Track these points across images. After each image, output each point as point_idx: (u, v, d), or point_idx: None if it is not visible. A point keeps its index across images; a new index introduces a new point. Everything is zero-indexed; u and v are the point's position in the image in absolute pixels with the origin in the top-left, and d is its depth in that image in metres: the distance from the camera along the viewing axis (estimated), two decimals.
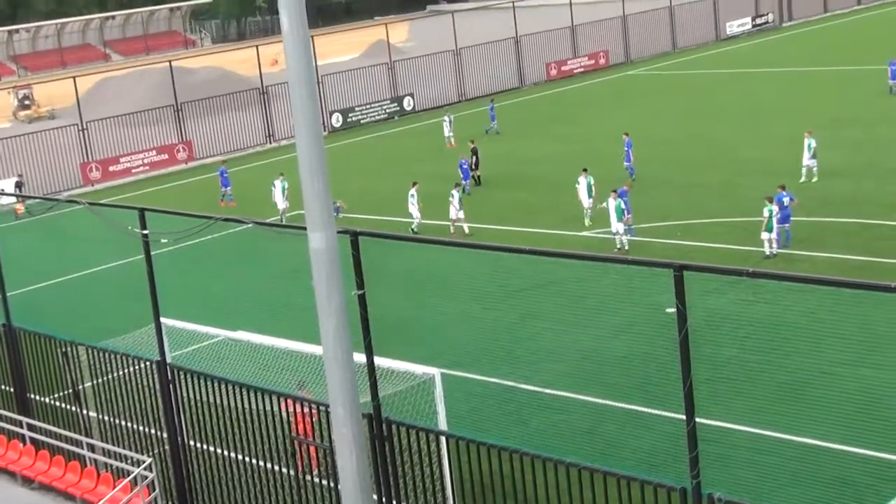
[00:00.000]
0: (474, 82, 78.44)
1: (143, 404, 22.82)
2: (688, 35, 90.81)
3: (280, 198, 46.93)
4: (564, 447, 21.15)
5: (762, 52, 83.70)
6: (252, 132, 68.86)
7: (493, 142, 59.28)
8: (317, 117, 13.70)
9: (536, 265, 30.42)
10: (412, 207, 42.54)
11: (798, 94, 63.64)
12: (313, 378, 21.04)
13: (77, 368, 24.16)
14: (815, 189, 41.29)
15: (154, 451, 22.76)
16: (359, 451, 14.39)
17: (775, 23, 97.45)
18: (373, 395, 17.61)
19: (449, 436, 18.68)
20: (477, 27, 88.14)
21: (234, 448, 21.19)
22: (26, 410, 26.21)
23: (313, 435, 19.77)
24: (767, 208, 34.70)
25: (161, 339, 21.89)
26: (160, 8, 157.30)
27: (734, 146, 50.67)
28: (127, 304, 34.15)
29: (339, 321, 14.02)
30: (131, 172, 63.98)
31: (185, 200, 53.13)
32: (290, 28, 13.34)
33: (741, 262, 33.27)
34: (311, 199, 13.70)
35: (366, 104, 73.55)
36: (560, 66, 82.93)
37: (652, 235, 37.95)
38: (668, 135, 56.14)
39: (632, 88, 74.77)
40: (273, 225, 21.41)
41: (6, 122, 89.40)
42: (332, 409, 14.42)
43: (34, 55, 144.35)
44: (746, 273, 13.13)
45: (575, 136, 58.79)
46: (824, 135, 50.59)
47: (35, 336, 25.62)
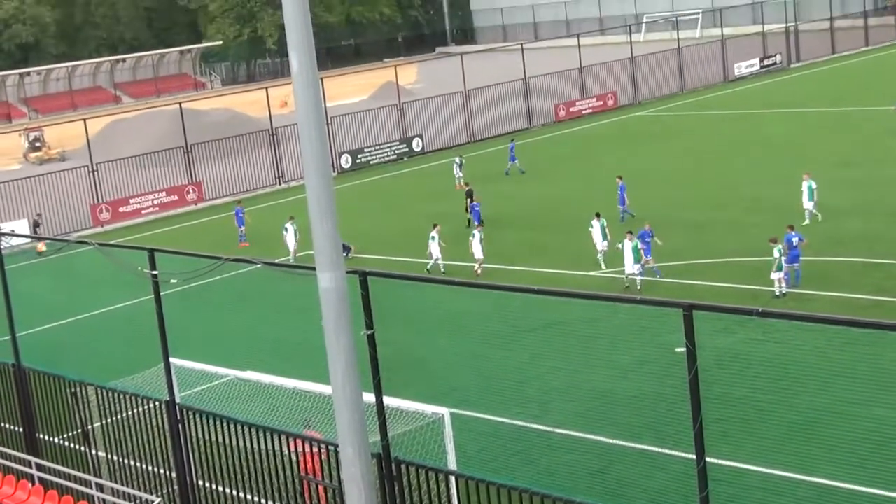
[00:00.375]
0: (483, 123, 78.66)
1: (152, 444, 22.80)
2: (696, 76, 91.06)
3: (292, 240, 46.78)
4: (574, 487, 21.12)
5: (770, 93, 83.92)
6: (262, 173, 69.07)
7: (502, 182, 59.43)
8: (326, 158, 13.78)
9: (546, 305, 30.39)
10: (433, 247, 42.29)
11: (806, 134, 63.75)
12: (321, 418, 21.01)
13: (86, 408, 24.16)
14: (823, 228, 41.29)
15: (163, 491, 22.72)
16: (368, 491, 14.38)
17: (783, 64, 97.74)
18: (382, 434, 17.58)
19: (458, 475, 18.63)
20: (486, 69, 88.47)
21: (242, 488, 21.15)
22: (35, 450, 26.18)
23: (322, 474, 19.73)
24: (777, 248, 34.67)
25: (170, 379, 21.90)
26: (170, 51, 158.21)
27: (743, 185, 50.73)
28: (136, 344, 34.23)
29: (348, 361, 14.05)
30: (141, 213, 64.18)
31: (195, 241, 53.26)
32: (299, 70, 13.44)
33: (750, 302, 33.24)
34: (321, 239, 13.76)
35: (375, 145, 73.77)
36: (569, 108, 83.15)
37: (662, 275, 37.91)
38: (677, 175, 56.24)
39: (640, 129, 74.95)
40: (282, 265, 21.44)
41: (17, 164, 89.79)
42: (341, 448, 14.41)
43: (45, 97, 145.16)
44: (756, 312, 13.13)
45: (583, 177, 58.89)
46: (832, 174, 50.68)
47: (44, 376, 25.62)
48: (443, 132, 76.66)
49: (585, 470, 23.49)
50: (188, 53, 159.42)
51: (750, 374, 27.21)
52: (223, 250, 38.48)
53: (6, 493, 25.39)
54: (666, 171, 57.58)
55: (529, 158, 67.59)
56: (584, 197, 52.83)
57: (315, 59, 13.60)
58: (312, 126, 13.58)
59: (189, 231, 58.91)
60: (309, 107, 13.55)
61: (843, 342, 25.75)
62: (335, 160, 69.86)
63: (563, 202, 52.06)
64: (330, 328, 13.99)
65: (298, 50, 13.42)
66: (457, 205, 52.83)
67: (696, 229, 43.48)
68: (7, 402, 27.06)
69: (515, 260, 42.55)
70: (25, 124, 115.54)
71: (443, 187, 60.44)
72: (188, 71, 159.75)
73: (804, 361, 26.26)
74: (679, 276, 37.66)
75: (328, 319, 13.99)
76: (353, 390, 14.13)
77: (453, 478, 18.73)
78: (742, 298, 34.45)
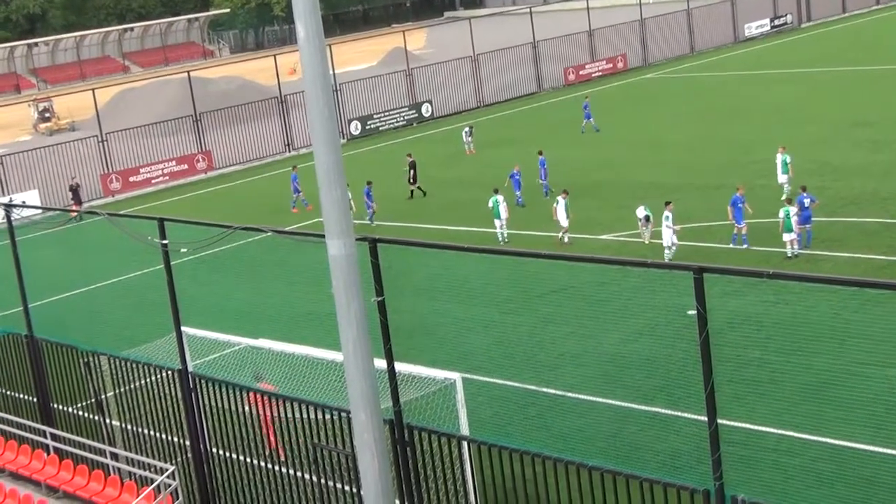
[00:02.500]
0: (492, 88, 78.44)
1: (166, 413, 22.89)
2: (706, 37, 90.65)
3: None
4: (587, 450, 21.13)
5: (781, 53, 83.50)
6: (271, 141, 69.02)
7: (510, 147, 59.26)
8: (333, 126, 13.73)
9: (557, 269, 30.39)
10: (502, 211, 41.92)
11: (818, 95, 63.47)
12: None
13: (100, 378, 24.24)
14: (836, 189, 41.14)
15: (177, 459, 22.82)
16: (381, 457, 14.40)
17: (794, 23, 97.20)
18: (394, 400, 17.60)
19: (471, 440, 18.67)
20: (494, 33, 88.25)
21: (256, 455, 21.23)
22: (50, 420, 26.31)
23: (273, 422, 20.69)
24: (784, 209, 34.55)
25: (182, 348, 21.95)
26: (178, 19, 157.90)
27: (754, 147, 50.53)
28: (148, 313, 34.34)
29: (359, 328, 14.04)
30: (151, 183, 64.21)
31: (205, 210, 53.28)
32: (305, 37, 13.36)
33: (762, 264, 33.18)
34: (329, 206, 13.73)
35: (384, 111, 73.65)
36: (578, 71, 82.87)
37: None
38: (687, 137, 56.06)
39: (650, 91, 74.67)
40: (291, 233, 21.39)
41: (27, 135, 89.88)
42: (353, 415, 14.42)
43: (53, 68, 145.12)
44: (766, 274, 13.08)
45: (593, 141, 58.73)
46: (845, 134, 50.54)
47: (57, 347, 25.71)
48: (452, 97, 76.49)
49: (598, 433, 23.50)
50: (196, 21, 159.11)
51: (762, 336, 27.16)
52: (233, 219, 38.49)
53: (22, 462, 25.55)
54: (677, 134, 57.41)
55: (539, 122, 67.45)
56: (593, 161, 52.72)
57: (321, 26, 13.52)
58: (320, 94, 13.52)
59: (199, 200, 58.93)
60: (316, 74, 13.48)
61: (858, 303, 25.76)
62: (344, 127, 69.76)
63: (572, 166, 51.87)
64: (340, 295, 13.97)
65: (304, 17, 13.34)
66: (468, 170, 52.77)
67: (707, 191, 43.34)
68: (21, 372, 27.17)
69: (527, 224, 42.45)
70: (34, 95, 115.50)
71: (453, 152, 60.33)
72: (196, 39, 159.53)
73: (817, 322, 26.22)
74: (691, 238, 37.57)
75: (338, 287, 13.96)
76: (364, 357, 14.12)
77: (466, 443, 18.77)
78: (753, 260, 34.41)
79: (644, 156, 52.09)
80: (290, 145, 69.65)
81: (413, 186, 50.11)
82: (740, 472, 18.46)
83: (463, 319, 32.36)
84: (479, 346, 30.05)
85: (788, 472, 20.68)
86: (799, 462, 21.11)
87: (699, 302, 13.42)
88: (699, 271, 13.43)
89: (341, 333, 14.10)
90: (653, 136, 57.72)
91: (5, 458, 26.01)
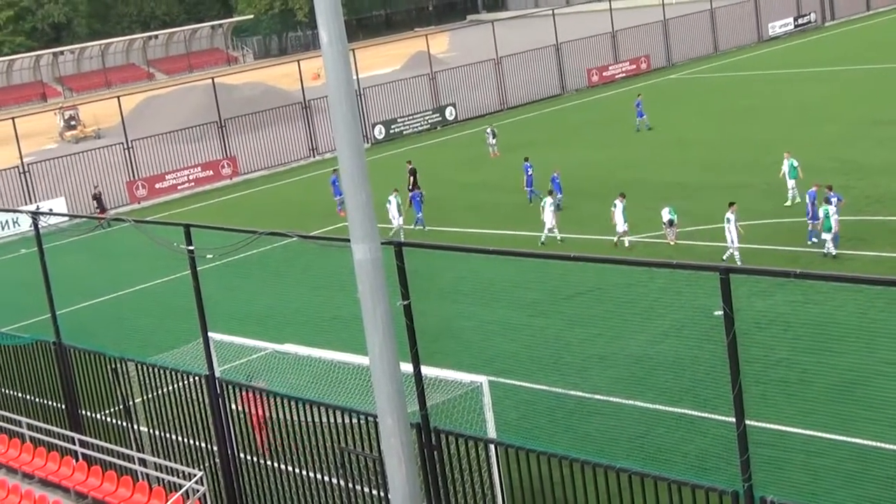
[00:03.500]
0: (516, 90, 78.38)
1: (193, 418, 22.96)
2: (729, 37, 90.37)
3: (395, 213, 44.82)
4: (615, 452, 21.09)
5: (805, 53, 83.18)
6: (296, 146, 69.18)
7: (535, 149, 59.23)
8: (357, 130, 13.76)
9: (583, 271, 30.34)
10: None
11: (842, 94, 63.18)
12: (360, 389, 21.18)
13: (127, 384, 24.33)
14: (862, 188, 40.94)
15: (205, 465, 22.87)
16: (408, 461, 14.41)
17: (818, 22, 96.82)
18: (421, 404, 17.60)
19: (498, 443, 18.65)
20: (517, 35, 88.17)
21: (283, 460, 21.28)
22: (78, 427, 26.42)
23: (265, 420, 21.24)
24: (823, 209, 34.30)
25: (209, 354, 22.01)
26: (202, 26, 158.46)
27: (778, 147, 50.29)
28: (175, 319, 34.45)
29: (385, 332, 14.06)
30: (177, 189, 64.46)
31: (231, 215, 53.47)
32: (329, 42, 13.40)
33: (788, 263, 33.06)
34: (354, 211, 13.76)
35: (408, 115, 73.70)
36: (601, 72, 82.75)
37: (698, 238, 37.73)
38: (712, 137, 55.92)
39: (674, 92, 74.50)
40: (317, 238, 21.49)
41: (53, 143, 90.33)
42: (380, 419, 14.44)
43: (79, 76, 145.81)
44: (793, 274, 13.04)
45: (617, 142, 58.64)
46: (869, 133, 50.26)
47: (85, 353, 25.81)
48: (475, 100, 76.49)
49: (625, 435, 23.45)
50: (220, 28, 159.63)
51: (789, 336, 27.04)
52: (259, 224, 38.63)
53: (51, 469, 25.68)
54: (700, 133, 57.27)
55: (563, 124, 67.40)
56: (616, 163, 52.64)
57: (344, 31, 13.55)
58: (343, 98, 13.55)
59: (224, 205, 59.13)
60: (339, 79, 13.52)
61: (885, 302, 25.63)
62: (368, 131, 69.86)
63: (596, 168, 51.80)
64: (366, 299, 13.99)
65: (328, 22, 13.38)
66: (492, 173, 52.77)
67: (731, 191, 43.12)
68: (49, 379, 27.29)
69: None
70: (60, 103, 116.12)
71: (477, 156, 60.34)
72: (220, 46, 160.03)
73: (845, 322, 26.09)
74: (716, 238, 37.45)
75: (364, 291, 13.99)
76: (390, 361, 14.14)
77: (493, 446, 18.75)
78: (779, 260, 34.28)
79: (668, 156, 51.94)
80: (315, 150, 69.79)
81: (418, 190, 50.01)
82: (769, 472, 18.39)
83: (489, 322, 32.36)
84: (506, 348, 30.03)
85: (817, 473, 20.59)
86: (827, 462, 21.00)
87: (726, 302, 13.39)
88: (725, 272, 13.39)
89: (367, 337, 14.13)
90: (677, 136, 57.58)
91: (35, 464, 26.15)
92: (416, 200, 45.87)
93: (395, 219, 44.45)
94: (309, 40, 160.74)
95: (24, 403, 28.33)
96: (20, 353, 28.24)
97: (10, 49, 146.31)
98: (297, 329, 32.71)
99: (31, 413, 27.92)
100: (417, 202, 45.81)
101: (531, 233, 41.45)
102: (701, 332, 26.32)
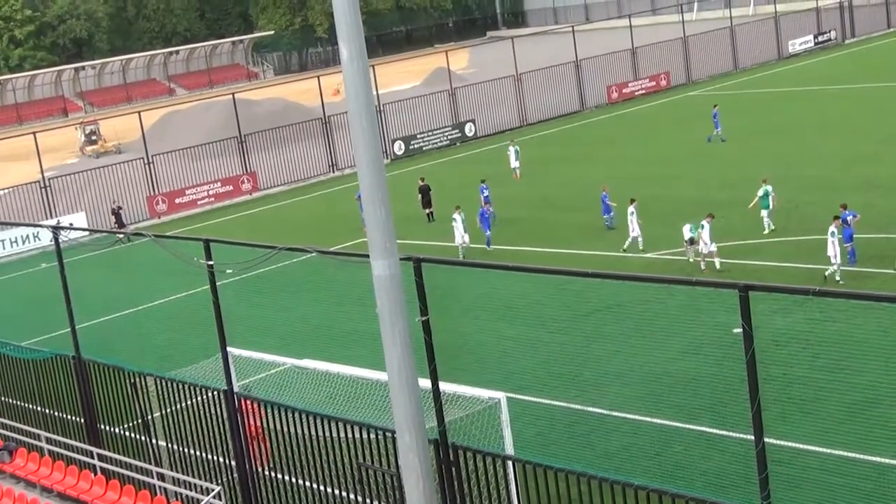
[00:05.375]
0: (536, 107, 78.42)
1: (212, 433, 23.00)
2: (749, 54, 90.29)
3: (461, 231, 43.56)
4: (633, 469, 21.04)
5: (825, 70, 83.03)
6: (315, 162, 69.32)
7: (556, 165, 59.23)
8: (377, 146, 13.80)
9: (602, 288, 30.30)
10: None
11: (862, 111, 63.01)
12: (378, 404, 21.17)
13: (146, 398, 24.39)
14: (882, 206, 40.78)
15: (223, 479, 22.91)
16: (426, 477, 14.41)
17: (838, 40, 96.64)
18: (439, 420, 17.61)
19: (516, 460, 18.63)
20: (537, 52, 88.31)
21: (301, 475, 21.29)
22: (97, 441, 26.49)
23: (263, 431, 21.58)
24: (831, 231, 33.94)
25: (228, 369, 22.06)
26: (223, 42, 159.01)
27: (798, 164, 50.27)
28: (194, 334, 34.53)
29: (404, 348, 14.08)
30: (197, 204, 64.64)
31: (251, 231, 53.58)
32: (349, 58, 13.47)
33: (807, 281, 32.98)
34: (374, 227, 13.79)
35: (427, 131, 73.77)
36: (621, 89, 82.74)
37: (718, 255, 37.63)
38: (731, 153, 55.85)
39: (694, 109, 74.42)
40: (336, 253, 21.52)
41: (74, 158, 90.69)
42: (398, 435, 14.46)
43: (100, 91, 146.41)
44: (813, 292, 13.01)
45: (638, 159, 58.58)
46: (889, 150, 50.09)
47: (104, 367, 25.90)
48: (495, 117, 76.54)
49: (643, 453, 23.41)
50: (240, 44, 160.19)
51: (808, 355, 26.96)
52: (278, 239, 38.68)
53: (69, 483, 25.73)
54: (720, 151, 57.19)
55: (583, 140, 67.39)
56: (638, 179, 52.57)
57: (365, 47, 13.62)
58: (363, 114, 13.61)
59: (244, 220, 59.26)
60: (359, 95, 13.58)
61: None
62: (388, 147, 69.96)
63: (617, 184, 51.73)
64: (385, 315, 14.03)
65: (348, 38, 13.44)
66: (513, 189, 52.76)
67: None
68: (68, 393, 27.37)
69: (571, 243, 42.39)
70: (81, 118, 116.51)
71: (498, 172, 60.31)
72: (240, 61, 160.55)
73: (864, 340, 25.98)
74: (735, 255, 37.39)
75: (383, 306, 14.02)
76: (409, 377, 14.16)
77: (511, 462, 18.73)
78: (799, 278, 34.18)
79: (688, 172, 51.89)
80: (335, 166, 69.90)
81: (428, 210, 49.96)
82: (787, 491, 18.32)
83: (507, 339, 32.34)
84: (524, 365, 30.01)
85: (835, 491, 20.50)
86: (846, 481, 20.91)
87: (745, 320, 13.37)
88: (745, 289, 13.38)
89: (386, 353, 14.15)
90: (697, 152, 57.53)
91: (53, 478, 26.21)
92: (486, 219, 44.54)
93: (461, 236, 43.30)
94: (329, 56, 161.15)
95: (44, 417, 28.44)
96: (40, 367, 28.35)
97: (32, 64, 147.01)
98: (316, 344, 32.73)
99: (51, 427, 28.01)
100: (486, 221, 44.48)
101: (550, 248, 41.38)
102: (720, 350, 26.26)
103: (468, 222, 43.58)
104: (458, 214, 43.77)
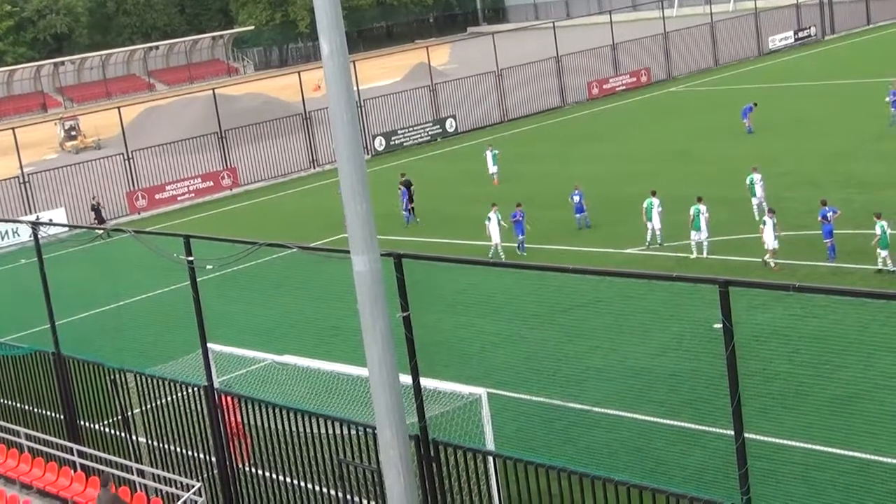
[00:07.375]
0: (516, 103, 78.43)
1: (192, 429, 22.95)
2: (730, 50, 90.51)
3: (496, 230, 41.69)
4: (613, 465, 21.07)
5: (805, 66, 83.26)
6: (296, 157, 69.21)
7: (538, 162, 59.24)
8: (358, 141, 13.78)
9: (581, 284, 30.33)
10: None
11: (842, 107, 63.21)
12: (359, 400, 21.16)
13: (126, 395, 24.32)
14: (861, 201, 40.93)
15: (203, 476, 22.86)
16: (406, 473, 14.41)
17: (818, 36, 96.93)
18: (419, 416, 17.60)
19: (496, 455, 18.64)
20: (518, 48, 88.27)
21: (282, 471, 21.25)
22: (76, 437, 26.41)
23: (243, 427, 21.72)
24: (880, 224, 33.53)
25: (208, 365, 22.01)
26: (203, 37, 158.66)
27: (779, 160, 50.36)
28: (174, 330, 34.43)
29: (384, 343, 14.07)
30: (177, 200, 64.46)
31: (231, 227, 53.46)
32: (330, 53, 13.43)
33: (789, 277, 33.06)
34: (354, 222, 13.76)
35: (408, 127, 73.72)
36: (602, 85, 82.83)
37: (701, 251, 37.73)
38: (712, 150, 55.94)
39: (674, 105, 74.58)
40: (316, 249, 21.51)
41: (53, 153, 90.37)
42: (379, 431, 14.44)
43: (80, 87, 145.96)
44: (793, 287, 13.04)
45: (615, 155, 58.65)
46: (869, 146, 50.28)
47: (84, 363, 25.82)
48: (476, 112, 76.54)
49: (624, 448, 23.43)
50: (220, 39, 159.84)
51: (789, 350, 27.04)
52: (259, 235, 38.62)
53: (49, 479, 25.65)
54: (701, 147, 57.29)
55: (562, 137, 67.44)
56: (615, 175, 52.67)
57: (345, 43, 13.59)
58: (344, 110, 13.58)
59: (225, 216, 59.13)
60: (340, 91, 13.55)
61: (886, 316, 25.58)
62: (369, 143, 69.90)
63: (593, 181, 51.80)
64: (365, 311, 14.01)
65: (329, 34, 13.41)
66: (492, 186, 52.77)
67: (733, 204, 43.18)
68: (48, 389, 27.28)
69: (551, 239, 42.41)
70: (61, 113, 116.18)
71: (477, 168, 60.28)
72: (221, 57, 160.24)
73: (845, 336, 26.07)
74: (718, 252, 37.47)
75: (363, 302, 14.00)
76: (389, 372, 14.15)
77: (491, 458, 18.74)
78: (779, 273, 34.30)
79: (669, 169, 51.93)
80: (315, 162, 69.82)
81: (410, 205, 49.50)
82: (767, 486, 18.37)
83: (488, 334, 32.34)
84: (505, 361, 30.01)
85: (816, 486, 20.57)
86: (827, 476, 20.98)
87: (725, 315, 13.39)
88: (725, 284, 13.40)
89: (367, 349, 14.13)
90: (677, 149, 57.61)
91: (33, 474, 26.12)
92: (519, 222, 42.27)
93: (496, 236, 41.54)
94: (310, 51, 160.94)
95: (23, 414, 28.34)
96: (19, 363, 28.25)
97: (12, 59, 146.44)
98: (296, 340, 32.68)
99: (30, 423, 27.92)
100: (520, 224, 42.23)
101: (531, 245, 41.39)
102: (700, 345, 26.32)
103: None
104: (494, 213, 41.83)
